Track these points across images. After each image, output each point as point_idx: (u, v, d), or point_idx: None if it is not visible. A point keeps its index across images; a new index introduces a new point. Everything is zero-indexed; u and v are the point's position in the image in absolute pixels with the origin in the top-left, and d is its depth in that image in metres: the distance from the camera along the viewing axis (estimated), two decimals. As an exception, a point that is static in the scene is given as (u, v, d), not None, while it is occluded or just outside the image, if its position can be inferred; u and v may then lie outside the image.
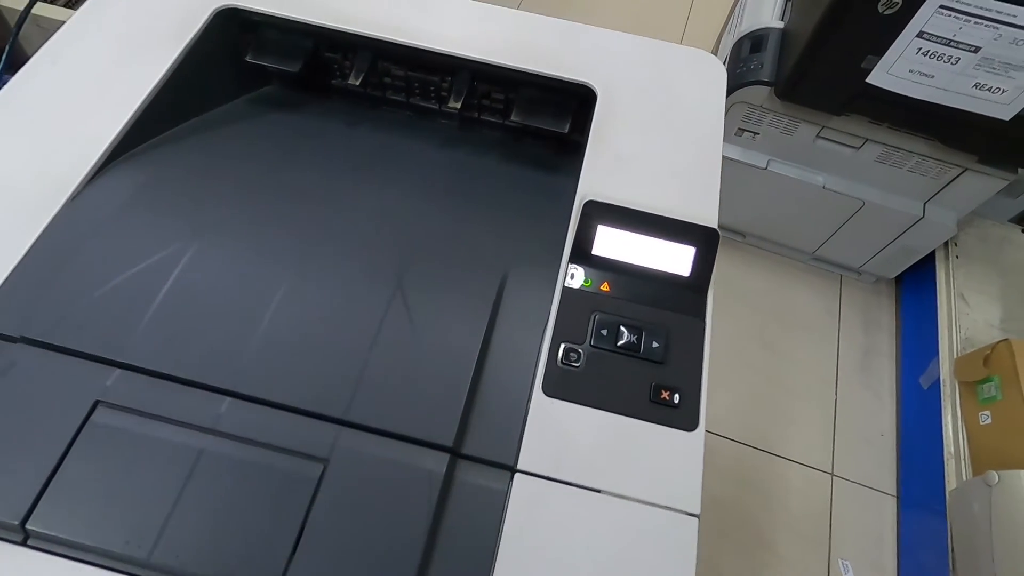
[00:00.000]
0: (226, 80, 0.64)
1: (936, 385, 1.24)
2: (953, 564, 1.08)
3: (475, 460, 0.41)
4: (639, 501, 0.39)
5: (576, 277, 0.47)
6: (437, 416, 0.41)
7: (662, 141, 0.54)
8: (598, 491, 0.40)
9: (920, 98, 1.08)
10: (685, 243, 0.48)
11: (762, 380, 1.39)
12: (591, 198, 0.49)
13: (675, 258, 0.48)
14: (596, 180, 0.51)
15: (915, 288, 1.44)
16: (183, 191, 0.53)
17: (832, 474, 1.31)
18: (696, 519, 0.39)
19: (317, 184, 0.56)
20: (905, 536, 1.23)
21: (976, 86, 1.05)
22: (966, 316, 1.26)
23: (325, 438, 0.41)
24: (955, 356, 1.23)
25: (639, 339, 0.44)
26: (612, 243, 0.48)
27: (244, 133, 0.61)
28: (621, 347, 0.44)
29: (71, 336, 0.43)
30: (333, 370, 0.43)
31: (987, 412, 1.13)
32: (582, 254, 0.48)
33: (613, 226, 0.48)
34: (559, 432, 0.42)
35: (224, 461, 0.40)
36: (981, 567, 1.01)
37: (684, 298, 0.47)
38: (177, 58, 0.58)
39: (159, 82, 0.56)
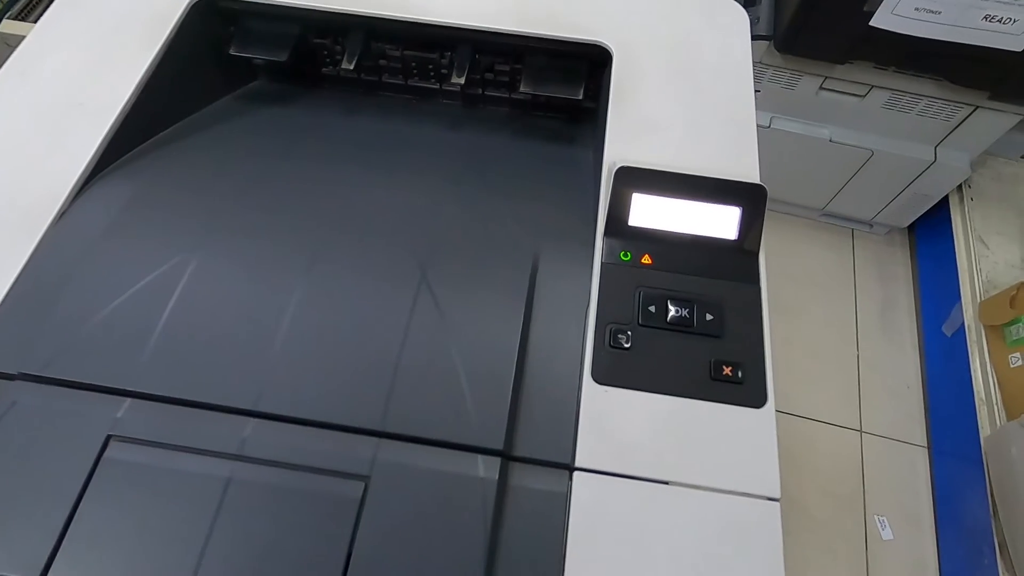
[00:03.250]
0: (210, 77, 0.60)
1: (961, 331, 1.22)
2: (994, 509, 1.06)
3: (529, 462, 0.37)
4: (712, 489, 0.36)
5: (614, 251, 0.43)
6: (483, 417, 0.38)
7: (689, 98, 0.50)
8: (666, 483, 0.37)
9: (928, 37, 1.04)
10: (729, 203, 0.44)
11: (781, 342, 1.36)
12: (621, 164, 0.45)
13: (720, 220, 0.44)
14: (623, 145, 0.47)
15: (930, 235, 1.41)
16: (178, 200, 0.48)
17: (860, 431, 1.29)
18: (777, 503, 0.35)
19: (321, 180, 0.51)
20: (940, 487, 1.21)
21: (986, 19, 1.01)
22: (986, 258, 1.23)
23: (363, 453, 0.37)
24: (978, 300, 1.20)
25: (691, 313, 0.41)
26: (650, 211, 0.44)
27: (236, 132, 0.57)
28: (672, 323, 0.41)
29: (72, 367, 0.39)
30: (363, 378, 0.39)
31: (1017, 354, 1.11)
32: (618, 226, 0.44)
33: (649, 192, 0.44)
34: (616, 422, 0.38)
35: (255, 489, 0.36)
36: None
37: (734, 263, 0.43)
38: (155, 59, 0.53)
39: (138, 86, 0.52)
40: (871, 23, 1.04)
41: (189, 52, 0.57)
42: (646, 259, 0.43)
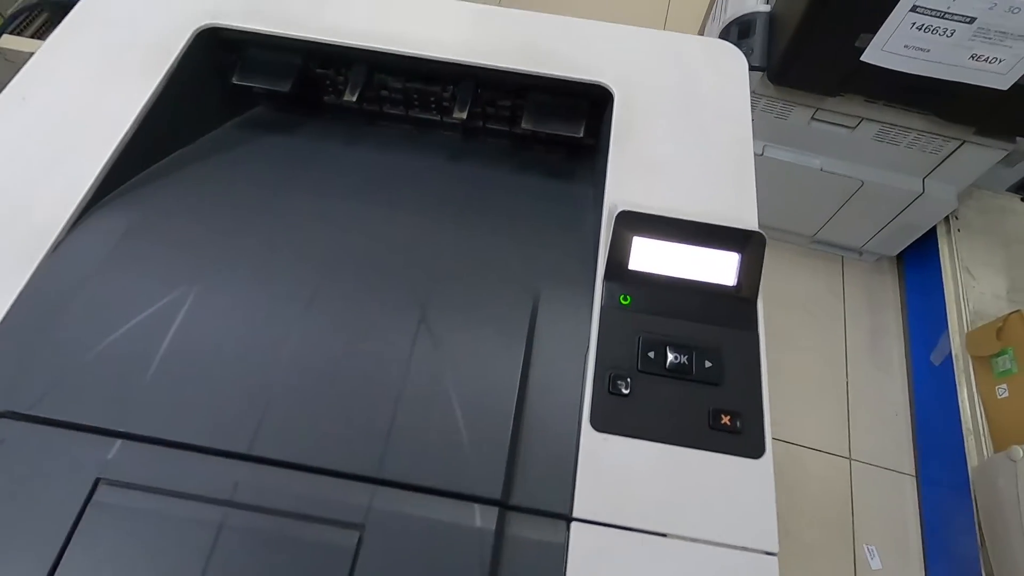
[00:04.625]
0: (212, 105, 0.60)
1: (948, 360, 1.23)
2: (982, 541, 1.07)
3: (527, 511, 0.37)
4: (710, 543, 0.36)
5: (613, 295, 0.44)
6: (480, 465, 0.37)
7: (689, 141, 0.51)
8: (664, 535, 0.36)
9: (916, 73, 1.06)
10: (728, 249, 0.44)
11: (771, 367, 1.36)
12: (623, 208, 0.45)
13: (719, 266, 0.44)
14: (623, 187, 0.48)
15: (918, 264, 1.43)
16: (176, 232, 0.48)
17: (850, 458, 1.30)
18: (775, 558, 0.35)
19: (320, 213, 0.51)
20: (928, 516, 1.22)
21: (973, 57, 1.03)
22: (972, 289, 1.25)
23: (358, 501, 0.36)
24: (965, 330, 1.22)
25: (690, 360, 0.41)
26: (650, 255, 0.45)
27: (236, 161, 0.57)
28: (671, 370, 0.41)
29: (63, 406, 0.39)
30: (360, 423, 0.39)
31: (1004, 385, 1.12)
32: (618, 270, 0.44)
33: (649, 236, 0.45)
34: (614, 471, 0.38)
35: (246, 537, 0.35)
36: (1012, 543, 1.00)
37: (732, 310, 0.43)
38: (159, 86, 0.53)
39: (140, 113, 0.51)
40: (862, 58, 1.06)
41: (192, 80, 0.56)
42: (646, 303, 0.43)
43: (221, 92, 0.60)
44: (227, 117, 0.62)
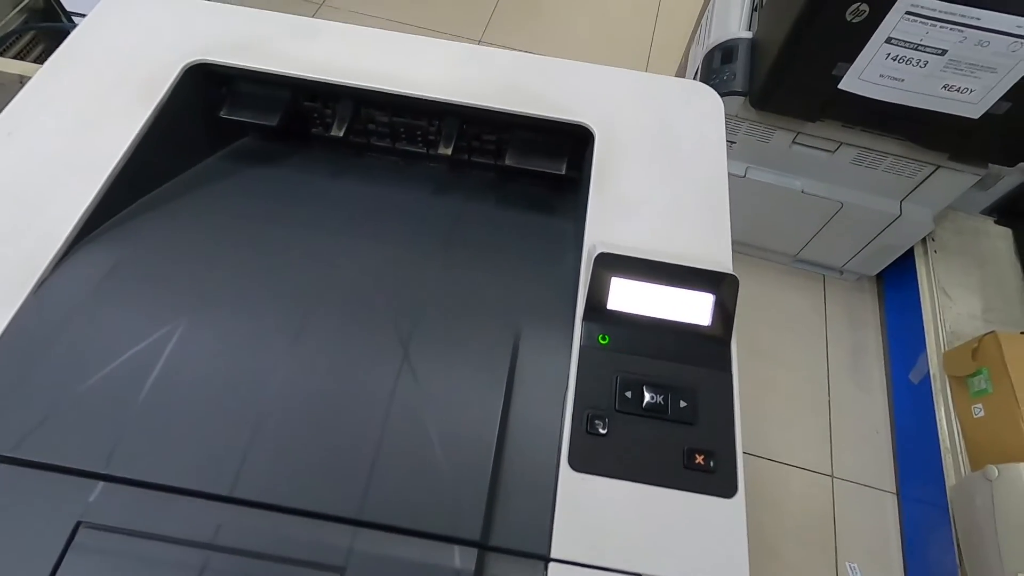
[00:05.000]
0: (200, 138, 0.60)
1: (926, 379, 1.26)
2: (960, 558, 1.08)
3: (505, 552, 0.38)
4: (684, 582, 0.37)
5: (592, 334, 0.45)
6: (460, 507, 0.38)
7: (667, 181, 0.52)
8: (639, 575, 0.37)
9: (892, 101, 1.09)
10: (703, 290, 0.46)
11: (754, 385, 1.39)
12: (601, 250, 0.47)
13: (694, 307, 0.45)
14: (602, 228, 0.49)
15: (897, 284, 1.46)
16: (161, 269, 0.48)
17: (832, 476, 1.32)
18: (747, 597, 0.36)
19: (306, 247, 0.52)
20: (909, 534, 1.24)
21: (945, 87, 1.07)
22: (949, 309, 1.29)
23: (339, 542, 0.37)
24: (942, 350, 1.24)
25: (666, 399, 0.42)
26: (627, 295, 0.46)
27: (223, 194, 0.57)
28: (647, 409, 0.42)
29: (44, 448, 0.39)
30: (340, 464, 0.39)
31: (979, 405, 1.15)
32: (596, 309, 0.46)
33: (627, 277, 0.46)
34: (591, 511, 0.39)
35: (229, 581, 0.36)
36: (989, 562, 1.01)
37: (707, 350, 0.45)
38: (147, 122, 0.54)
39: (128, 149, 0.52)
40: (839, 86, 1.09)
41: (181, 115, 0.57)
42: (622, 343, 0.44)
43: (209, 126, 0.60)
44: (215, 148, 0.63)
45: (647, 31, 1.98)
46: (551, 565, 0.37)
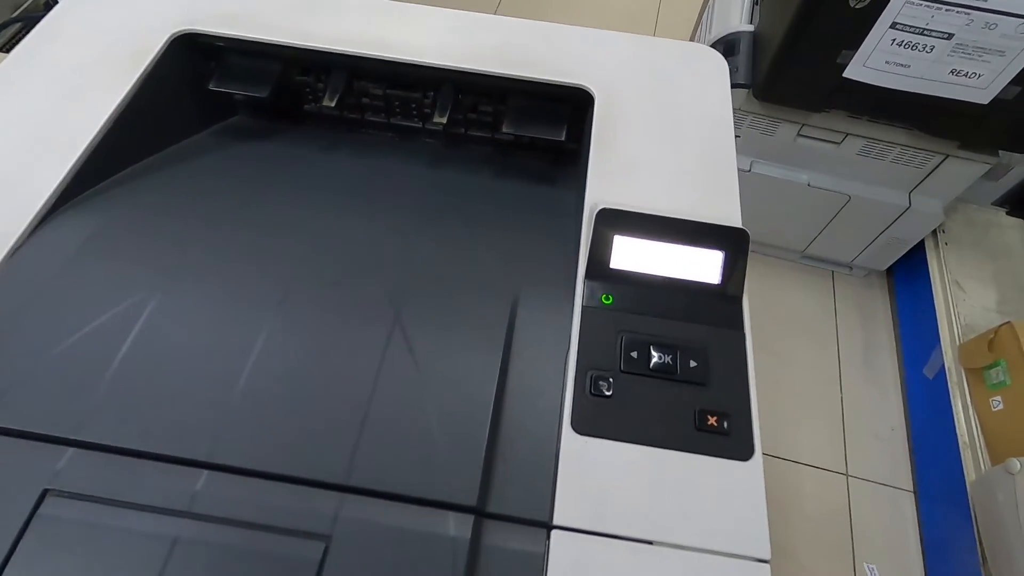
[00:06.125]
0: (188, 112, 0.59)
1: (941, 374, 1.22)
2: (983, 557, 1.04)
3: (504, 519, 0.35)
4: (698, 550, 0.34)
5: (595, 294, 0.42)
6: (455, 470, 0.35)
7: (670, 141, 0.50)
8: (650, 543, 0.34)
9: (898, 88, 1.07)
10: (712, 247, 0.43)
11: (765, 384, 1.35)
12: (603, 206, 0.44)
13: (703, 264, 0.43)
14: (604, 187, 0.47)
15: (908, 278, 1.43)
16: (142, 236, 0.46)
17: (847, 474, 1.27)
18: (767, 565, 0.33)
19: (295, 219, 0.50)
20: (928, 533, 1.19)
21: (952, 72, 1.05)
22: (963, 302, 1.25)
23: (324, 510, 0.34)
24: (957, 343, 1.21)
25: (674, 359, 0.39)
26: (631, 254, 0.43)
27: (210, 167, 0.55)
28: (655, 370, 0.39)
29: (10, 413, 0.36)
30: (326, 427, 0.37)
31: (997, 397, 1.11)
32: (599, 268, 0.43)
33: (631, 235, 0.44)
34: (597, 475, 0.36)
35: (203, 551, 0.33)
36: (1014, 558, 0.97)
37: (717, 308, 0.42)
38: (131, 90, 0.52)
39: (110, 117, 0.50)
40: (844, 74, 1.08)
41: (167, 85, 0.56)
42: (628, 303, 0.42)
43: (198, 99, 0.59)
44: (205, 125, 0.61)
45: (648, 30, 1.99)
46: (554, 532, 0.34)
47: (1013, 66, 1.00)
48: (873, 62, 1.06)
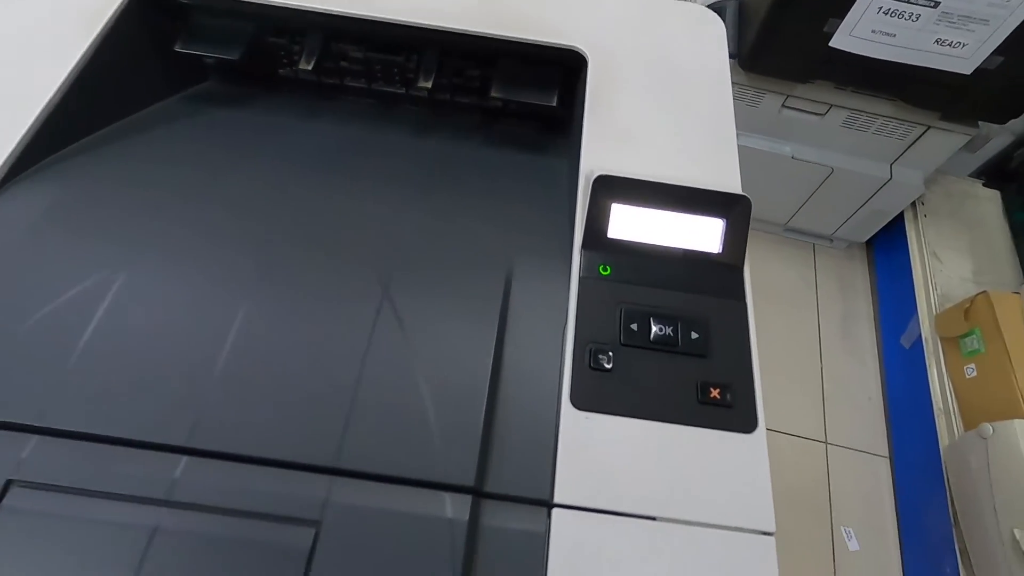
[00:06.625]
0: (154, 75, 0.54)
1: (918, 343, 1.25)
2: (955, 519, 1.08)
3: (503, 499, 0.33)
4: (703, 525, 0.33)
5: (592, 264, 0.41)
6: (451, 450, 0.34)
7: (667, 107, 0.48)
8: (653, 519, 0.33)
9: (883, 58, 1.07)
10: (712, 215, 0.42)
11: (748, 356, 1.37)
12: (600, 173, 0.42)
13: (703, 233, 0.42)
14: (600, 154, 0.45)
15: (887, 250, 1.45)
16: (106, 208, 0.43)
17: (826, 442, 1.31)
18: (772, 538, 0.33)
19: (274, 191, 0.47)
20: (902, 496, 1.23)
21: (937, 42, 1.04)
22: (940, 272, 1.27)
23: (314, 494, 0.32)
24: (934, 313, 1.23)
25: (675, 331, 0.38)
26: (630, 223, 0.42)
27: (178, 135, 0.52)
28: (656, 342, 0.38)
29: None
30: (314, 407, 0.35)
31: (972, 365, 1.14)
32: (596, 238, 0.41)
33: (629, 203, 0.42)
34: (597, 451, 0.35)
35: (184, 541, 0.31)
36: (984, 520, 1.01)
37: (718, 278, 0.41)
38: (87, 51, 0.48)
39: (65, 82, 0.46)
40: (830, 44, 1.06)
41: (129, 46, 0.51)
42: (626, 273, 0.40)
43: (164, 62, 0.55)
44: (173, 90, 0.57)
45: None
46: (555, 511, 0.33)
47: (997, 35, 1.00)
48: (859, 31, 1.05)
